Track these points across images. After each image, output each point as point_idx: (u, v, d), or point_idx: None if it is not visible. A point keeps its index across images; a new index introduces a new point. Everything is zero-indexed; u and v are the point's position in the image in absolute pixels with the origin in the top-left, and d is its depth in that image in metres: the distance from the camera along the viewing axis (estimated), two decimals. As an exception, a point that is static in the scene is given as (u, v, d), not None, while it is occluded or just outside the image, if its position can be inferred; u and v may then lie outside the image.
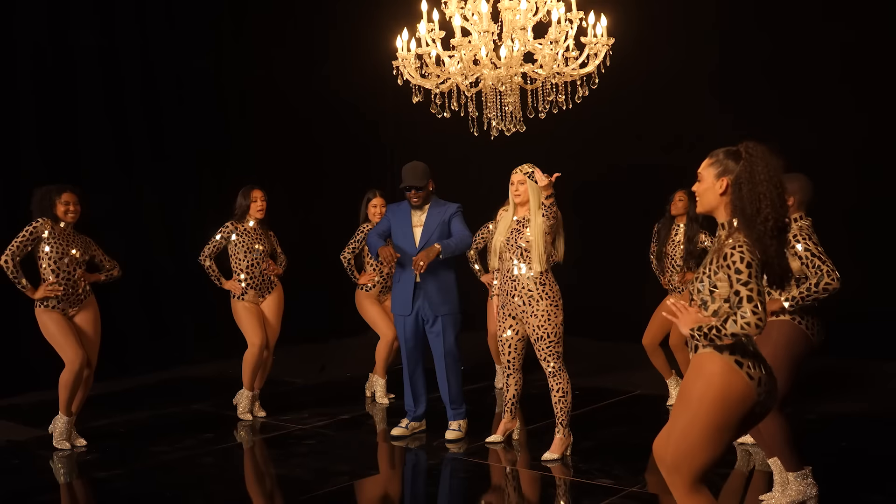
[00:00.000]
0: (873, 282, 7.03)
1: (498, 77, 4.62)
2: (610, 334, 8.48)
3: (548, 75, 4.67)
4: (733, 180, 2.95)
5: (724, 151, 3.02)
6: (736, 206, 2.94)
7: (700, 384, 2.94)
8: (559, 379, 5.11)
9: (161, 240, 8.44)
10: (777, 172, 2.93)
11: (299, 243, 6.63)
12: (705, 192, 3.04)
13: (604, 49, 4.72)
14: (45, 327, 5.48)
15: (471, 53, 4.58)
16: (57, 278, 5.43)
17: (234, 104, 9.00)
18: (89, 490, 4.97)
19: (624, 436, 5.63)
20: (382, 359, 6.67)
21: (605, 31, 4.73)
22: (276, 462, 5.36)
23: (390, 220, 5.70)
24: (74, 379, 5.42)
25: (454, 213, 5.60)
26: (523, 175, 5.15)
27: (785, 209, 2.92)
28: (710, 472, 3.04)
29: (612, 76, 4.90)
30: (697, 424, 2.93)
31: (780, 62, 7.67)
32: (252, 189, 6.18)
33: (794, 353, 4.10)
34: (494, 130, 4.88)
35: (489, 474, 5.06)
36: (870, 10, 7.20)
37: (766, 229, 2.87)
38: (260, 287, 6.23)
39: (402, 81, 4.87)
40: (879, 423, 5.70)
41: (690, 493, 2.99)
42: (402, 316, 5.63)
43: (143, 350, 8.14)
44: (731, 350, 2.92)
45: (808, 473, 4.17)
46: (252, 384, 6.25)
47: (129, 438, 5.81)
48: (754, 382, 2.91)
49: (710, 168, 3.03)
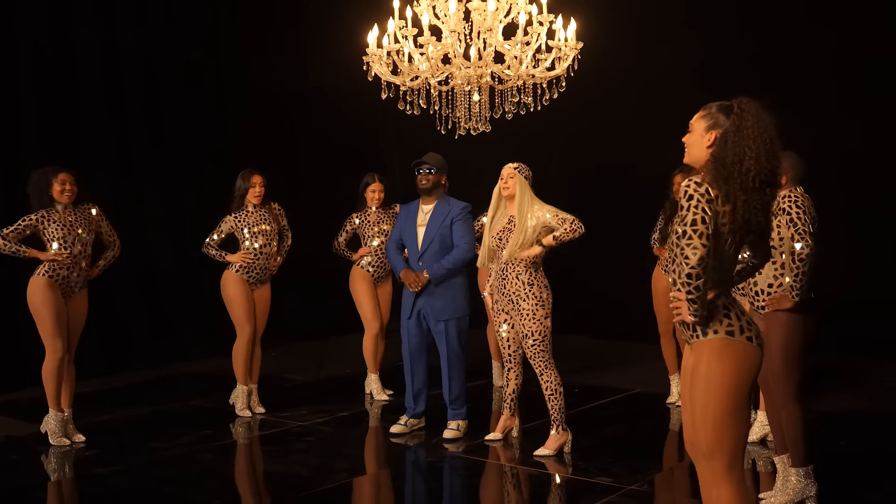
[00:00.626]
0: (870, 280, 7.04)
1: (467, 76, 4.60)
2: (609, 332, 8.49)
3: (515, 77, 4.67)
4: (721, 134, 2.95)
5: (718, 105, 3.01)
6: (717, 156, 2.93)
7: (706, 359, 2.92)
8: (547, 377, 5.10)
9: (162, 235, 8.44)
10: (768, 128, 2.91)
11: (299, 240, 6.63)
12: (693, 143, 3.05)
13: (572, 53, 4.71)
14: (36, 305, 5.41)
15: (440, 52, 4.57)
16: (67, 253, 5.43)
17: (235, 99, 8.99)
18: (87, 486, 4.96)
19: (623, 434, 5.63)
20: (370, 353, 6.66)
21: (574, 34, 4.73)
22: (274, 459, 5.35)
23: (401, 220, 5.72)
24: (58, 368, 5.42)
25: (458, 217, 5.55)
26: (513, 168, 5.15)
27: (772, 164, 2.90)
28: (744, 451, 3.00)
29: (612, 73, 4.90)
30: (719, 399, 2.90)
31: (768, 61, 7.69)
32: (252, 174, 6.16)
33: (805, 340, 4.12)
34: (461, 129, 4.88)
35: (488, 472, 5.05)
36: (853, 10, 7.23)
37: (744, 181, 2.85)
38: (261, 272, 6.20)
39: (371, 77, 4.85)
40: (878, 421, 5.70)
41: (730, 480, 2.94)
42: (405, 318, 5.65)
43: (143, 345, 8.14)
44: (721, 319, 2.91)
45: (810, 472, 4.17)
46: (245, 378, 6.23)
47: (128, 434, 5.81)
48: (753, 344, 2.93)
49: (701, 120, 3.03)
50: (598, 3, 6.60)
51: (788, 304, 4.08)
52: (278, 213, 6.31)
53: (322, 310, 9.23)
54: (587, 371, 7.29)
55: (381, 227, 6.62)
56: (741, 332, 2.93)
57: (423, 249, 5.55)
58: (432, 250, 5.54)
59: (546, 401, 5.15)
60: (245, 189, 6.13)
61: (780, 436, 4.30)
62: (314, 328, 9.27)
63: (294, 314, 8.93)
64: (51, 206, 5.49)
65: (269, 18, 9.17)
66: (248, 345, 6.15)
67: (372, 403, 6.63)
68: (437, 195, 5.62)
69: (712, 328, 2.93)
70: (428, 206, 5.63)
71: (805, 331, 4.11)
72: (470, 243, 5.54)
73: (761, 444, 5.14)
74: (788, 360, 4.10)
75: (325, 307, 9.18)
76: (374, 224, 6.64)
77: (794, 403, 4.12)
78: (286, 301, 6.50)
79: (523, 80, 4.72)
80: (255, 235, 6.12)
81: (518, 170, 5.16)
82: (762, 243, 3.10)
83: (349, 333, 8.80)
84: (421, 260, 5.56)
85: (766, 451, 5.05)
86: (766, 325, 4.16)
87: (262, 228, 6.15)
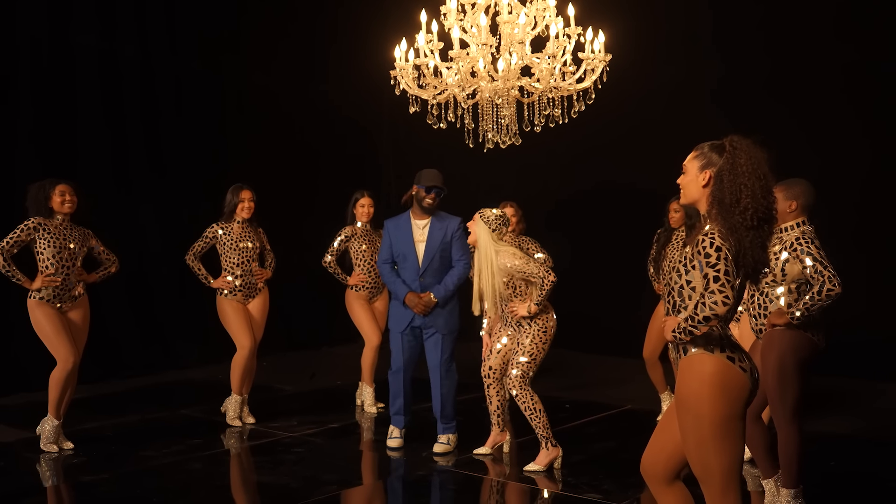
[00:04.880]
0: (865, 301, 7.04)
1: (495, 90, 4.63)
2: (601, 348, 8.49)
3: (544, 89, 4.69)
4: (716, 173, 2.99)
5: (710, 145, 3.06)
6: (715, 197, 2.97)
7: (694, 385, 2.94)
8: (522, 398, 5.08)
9: (154, 243, 8.42)
10: (761, 164, 2.95)
11: (291, 250, 6.62)
12: (689, 184, 3.09)
13: (601, 65, 4.74)
14: (37, 323, 5.44)
15: (468, 65, 4.59)
16: (55, 271, 5.42)
17: (231, 109, 9.01)
18: (75, 493, 4.94)
19: (614, 450, 5.62)
20: (368, 365, 6.65)
21: (602, 46, 4.75)
22: (263, 469, 5.33)
23: (391, 236, 5.64)
24: (66, 378, 5.40)
25: (455, 233, 5.55)
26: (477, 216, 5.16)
27: (768, 201, 2.94)
28: (739, 475, 3.00)
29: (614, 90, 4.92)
30: (705, 426, 2.91)
31: (783, 78, 7.71)
32: (241, 189, 6.17)
33: (800, 359, 4.10)
34: (490, 143, 4.90)
35: (477, 486, 5.04)
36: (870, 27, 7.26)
37: (744, 220, 2.90)
38: (248, 288, 6.21)
39: (399, 91, 4.88)
40: (868, 443, 5.70)
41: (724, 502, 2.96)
42: (398, 332, 5.60)
43: (133, 354, 8.11)
44: (721, 347, 2.94)
45: (799, 493, 4.17)
46: (241, 389, 6.23)
47: (116, 442, 5.78)
48: (747, 374, 2.95)
49: (695, 161, 3.07)
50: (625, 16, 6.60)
51: (783, 319, 4.08)
52: (263, 236, 6.34)
53: (314, 320, 9.21)
54: (578, 387, 7.28)
55: (374, 244, 6.63)
56: (741, 360, 2.96)
57: (424, 267, 5.53)
58: (433, 267, 5.53)
59: (529, 421, 5.14)
60: (234, 204, 6.15)
61: (762, 459, 4.28)
62: (305, 338, 9.25)
63: (285, 324, 8.92)
64: (49, 217, 5.48)
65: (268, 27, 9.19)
66: (249, 357, 6.16)
67: (364, 414, 6.61)
68: (435, 211, 5.63)
69: (709, 347, 2.95)
70: (422, 222, 5.60)
71: (801, 350, 4.10)
72: (467, 261, 5.55)
73: (750, 464, 5.14)
74: (783, 379, 4.08)
75: (316, 318, 9.17)
76: (364, 239, 6.62)
77: (788, 425, 4.10)
78: (278, 311, 6.48)
79: (551, 93, 4.73)
80: (235, 251, 6.13)
81: (481, 216, 5.14)
82: (754, 278, 3.11)
83: (341, 344, 8.81)
84: (422, 276, 5.54)
85: (755, 470, 5.05)
86: (763, 342, 4.17)
87: (245, 245, 6.16)
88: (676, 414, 3.04)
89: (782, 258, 4.12)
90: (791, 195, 4.15)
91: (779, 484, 4.21)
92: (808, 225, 4.17)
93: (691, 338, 2.92)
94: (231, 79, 8.98)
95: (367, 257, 6.61)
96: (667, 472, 3.14)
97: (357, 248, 6.63)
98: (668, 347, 3.12)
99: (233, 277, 6.14)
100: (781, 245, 4.13)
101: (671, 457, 3.12)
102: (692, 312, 2.89)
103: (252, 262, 6.21)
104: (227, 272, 6.16)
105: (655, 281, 6.34)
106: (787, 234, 4.16)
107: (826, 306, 4.01)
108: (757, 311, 4.25)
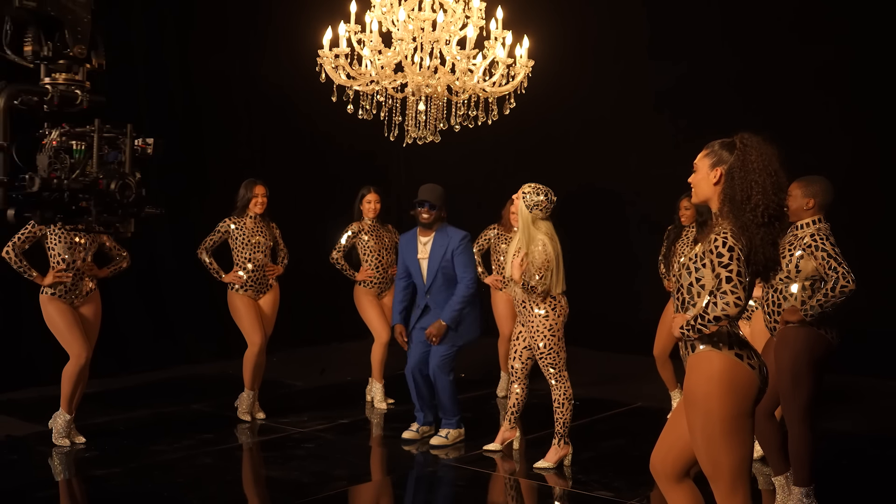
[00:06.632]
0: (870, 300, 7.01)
1: (417, 85, 4.59)
2: (611, 345, 8.47)
3: (465, 89, 4.64)
4: (727, 170, 2.98)
5: (720, 143, 3.06)
6: (727, 194, 2.96)
7: (703, 383, 2.93)
8: (557, 389, 5.11)
9: (164, 236, 8.43)
10: (772, 161, 2.95)
11: (301, 246, 6.62)
12: (700, 182, 3.08)
13: (523, 70, 4.70)
14: (49, 318, 5.47)
15: (391, 59, 4.54)
16: (66, 267, 5.44)
17: (240, 102, 9.00)
18: (87, 487, 4.97)
19: (624, 448, 5.61)
20: (378, 361, 6.65)
21: (526, 52, 4.73)
22: (274, 464, 5.35)
23: (402, 252, 5.76)
24: (79, 372, 5.43)
25: (457, 248, 5.54)
26: (517, 195, 5.16)
27: (779, 197, 2.93)
28: (748, 473, 2.99)
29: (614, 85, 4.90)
30: (713, 423, 2.91)
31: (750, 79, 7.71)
32: (255, 184, 6.18)
33: (814, 357, 4.08)
34: (408, 138, 4.86)
35: (487, 483, 5.04)
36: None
37: (755, 217, 2.89)
38: (259, 283, 6.22)
39: (324, 79, 4.80)
40: (880, 440, 5.68)
41: (733, 499, 2.95)
42: (409, 331, 5.71)
43: (144, 348, 8.13)
44: (729, 345, 2.93)
45: (811, 492, 4.15)
46: (253, 383, 6.24)
47: (128, 437, 5.81)
48: (756, 371, 2.94)
49: (706, 159, 3.07)
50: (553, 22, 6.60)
51: (797, 317, 4.06)
52: (276, 231, 6.35)
53: (324, 316, 9.22)
54: (589, 384, 7.27)
55: (382, 240, 6.62)
56: (749, 357, 2.95)
57: (428, 284, 5.58)
58: (437, 284, 5.58)
59: (553, 411, 5.14)
60: (247, 199, 6.16)
61: (774, 456, 4.26)
62: (316, 334, 9.25)
63: (295, 320, 8.92)
64: None
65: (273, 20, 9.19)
66: (260, 352, 6.17)
67: (373, 411, 6.62)
68: (436, 227, 5.62)
69: (717, 344, 2.94)
70: (426, 238, 5.63)
71: (815, 348, 4.08)
72: (472, 279, 5.56)
73: (762, 462, 5.12)
74: (797, 377, 4.06)
75: (326, 313, 9.17)
76: (371, 235, 6.61)
77: (799, 423, 4.08)
78: (288, 307, 6.49)
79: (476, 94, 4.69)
80: (247, 246, 6.14)
81: (522, 194, 5.14)
82: (765, 276, 3.10)
83: (351, 340, 8.81)
84: (429, 293, 5.61)
85: (766, 468, 5.03)
86: (777, 340, 4.15)
87: (257, 240, 6.17)
88: (685, 411, 3.03)
89: (796, 255, 4.10)
90: (809, 192, 4.13)
91: (790, 482, 4.20)
92: (823, 223, 4.16)
93: (699, 335, 2.92)
94: (241, 70, 8.96)
95: (375, 253, 6.61)
96: (676, 470, 3.14)
97: (364, 244, 6.62)
98: (679, 345, 3.11)
99: (244, 272, 6.16)
100: (796, 242, 4.12)
101: (680, 454, 3.11)
102: (702, 311, 2.88)
103: (263, 257, 6.22)
104: (238, 267, 6.18)
105: (666, 278, 6.34)
106: (801, 231, 4.14)
107: (840, 303, 3.99)
108: (771, 309, 4.23)
